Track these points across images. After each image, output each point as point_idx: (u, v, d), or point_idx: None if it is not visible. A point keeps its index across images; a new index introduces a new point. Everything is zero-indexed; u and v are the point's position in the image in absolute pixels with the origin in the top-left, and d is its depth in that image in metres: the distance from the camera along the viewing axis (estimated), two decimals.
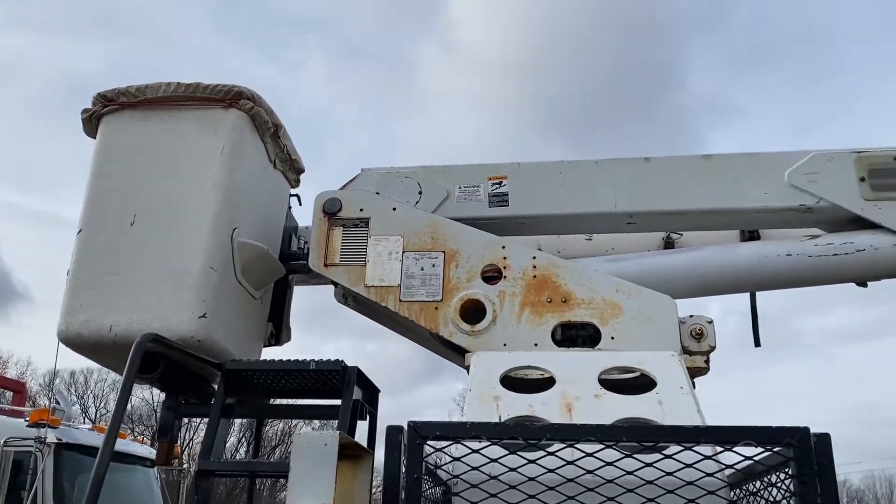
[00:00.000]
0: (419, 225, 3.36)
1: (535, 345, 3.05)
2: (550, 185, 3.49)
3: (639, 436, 1.80)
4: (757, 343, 3.75)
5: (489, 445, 1.84)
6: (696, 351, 3.05)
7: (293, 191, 3.96)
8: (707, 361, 3.05)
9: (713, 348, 3.08)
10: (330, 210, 3.38)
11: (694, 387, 3.18)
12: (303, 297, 4.07)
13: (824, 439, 1.79)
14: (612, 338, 3.02)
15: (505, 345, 3.06)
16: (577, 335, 3.14)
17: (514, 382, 2.79)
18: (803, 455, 1.76)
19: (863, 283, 3.37)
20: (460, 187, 3.54)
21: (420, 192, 3.53)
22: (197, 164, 3.29)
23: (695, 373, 3.04)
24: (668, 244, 3.96)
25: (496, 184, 3.53)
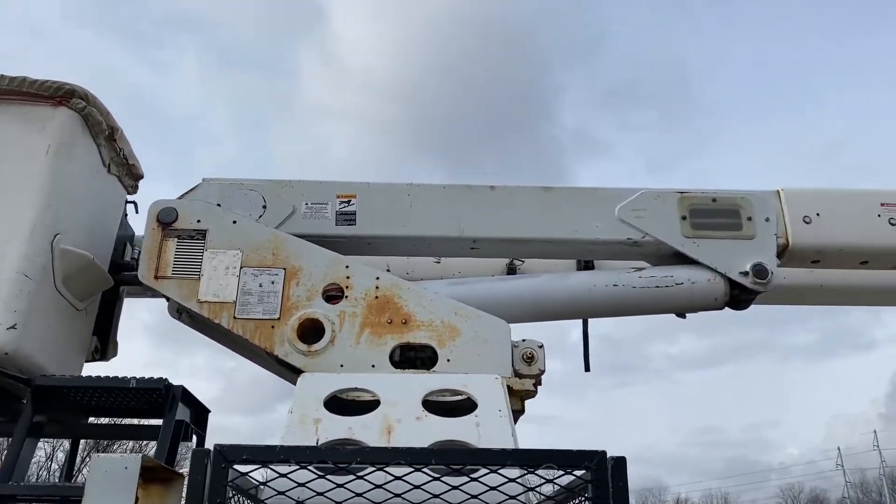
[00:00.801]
0: (260, 240, 3.27)
1: (373, 366, 3.05)
2: (398, 207, 3.51)
3: (447, 459, 1.83)
4: (587, 368, 3.93)
5: (297, 470, 1.80)
6: (527, 374, 3.16)
7: (130, 197, 3.75)
8: (536, 385, 3.17)
9: (542, 372, 3.19)
10: (165, 220, 3.23)
11: (524, 410, 3.30)
12: (158, 309, 3.84)
13: (620, 463, 1.89)
14: (449, 360, 3.06)
15: (342, 365, 3.03)
16: (416, 357, 3.17)
17: (345, 404, 2.77)
18: (599, 478, 1.84)
19: (682, 315, 3.61)
20: (307, 203, 3.49)
21: (264, 206, 3.45)
22: (18, 162, 3.05)
23: (524, 395, 3.14)
24: (511, 270, 4.09)
25: (344, 202, 3.52)
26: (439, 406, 2.79)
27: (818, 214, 3.49)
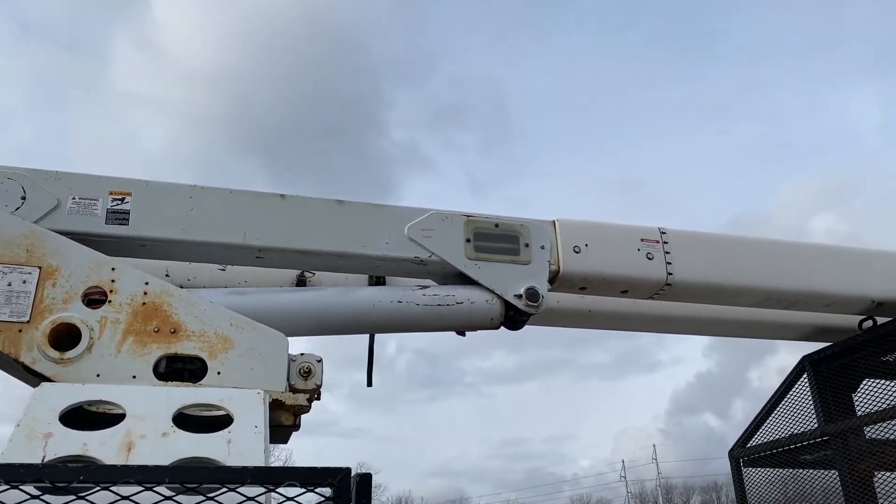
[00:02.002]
0: (14, 234, 2.96)
1: (134, 377, 2.84)
2: (178, 209, 3.33)
3: (181, 477, 1.74)
4: (369, 383, 3.95)
5: (8, 490, 1.62)
6: (302, 389, 3.11)
7: None
8: (311, 400, 3.13)
9: (319, 387, 3.16)
10: None
11: (298, 426, 3.24)
12: None
13: (365, 479, 1.90)
14: (219, 373, 2.94)
15: (98, 375, 2.80)
16: (184, 369, 3.01)
17: (94, 418, 2.56)
18: (342, 495, 1.84)
19: (462, 333, 3.75)
20: (74, 198, 3.21)
21: (23, 198, 3.12)
22: None
23: (298, 410, 3.09)
24: (301, 282, 4.03)
25: (118, 199, 3.27)
26: (202, 421, 2.66)
27: (587, 245, 3.78)
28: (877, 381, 4.27)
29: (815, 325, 4.58)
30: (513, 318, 3.68)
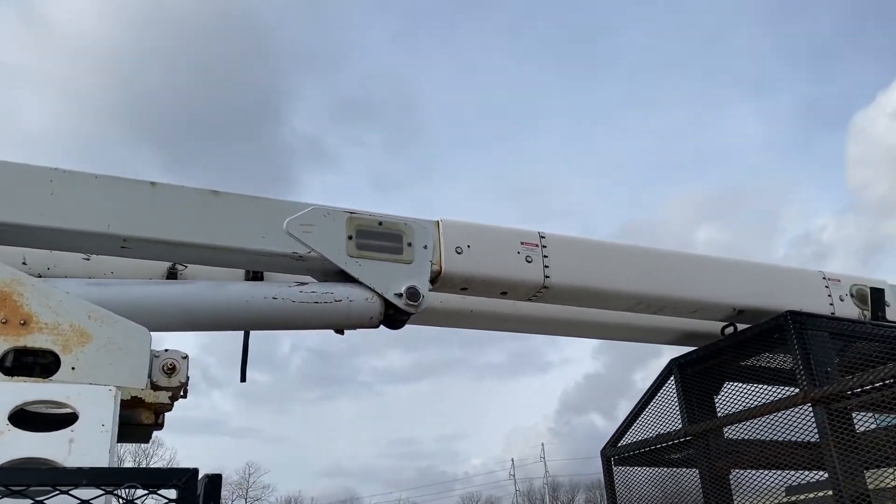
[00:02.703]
0: None
1: None
2: (37, 193, 3.10)
3: (6, 479, 1.61)
4: (243, 379, 3.84)
5: None
6: (165, 386, 2.97)
7: None
8: (174, 398, 2.99)
9: (183, 384, 3.03)
10: None
11: (161, 424, 3.09)
12: None
13: (214, 480, 1.83)
14: (74, 368, 2.76)
15: None
16: (35, 363, 2.81)
17: None
18: (188, 497, 1.76)
19: (340, 331, 3.69)
20: None
21: None
22: None
23: (159, 409, 2.95)
24: (172, 275, 3.86)
25: None
26: (52, 420, 2.49)
27: (469, 246, 3.81)
28: (736, 384, 4.52)
29: (683, 330, 4.81)
30: (393, 317, 3.66)
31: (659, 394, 4.98)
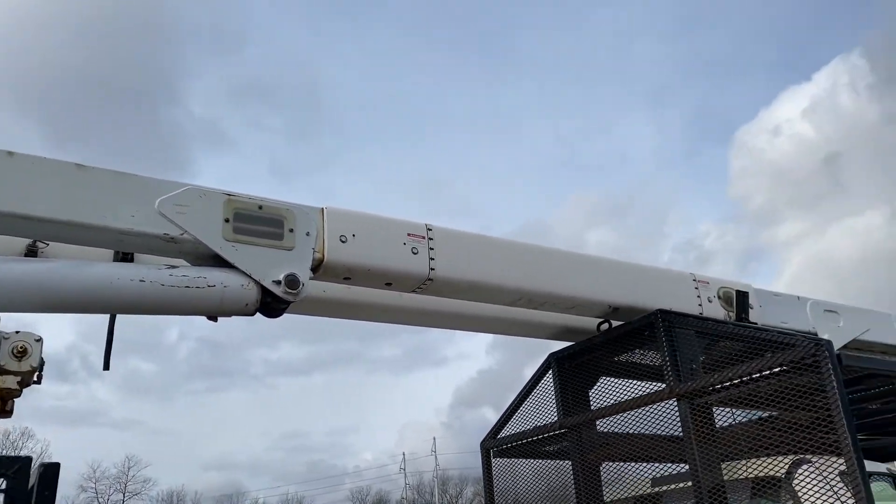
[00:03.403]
0: None
1: None
2: None
3: None
4: (106, 367, 3.63)
5: None
6: (14, 371, 2.77)
7: None
8: (24, 384, 2.79)
9: (35, 369, 2.84)
10: None
11: (10, 411, 2.87)
12: None
13: (50, 470, 1.71)
14: None
15: None
16: None
17: None
18: (18, 486, 1.63)
19: (213, 318, 3.55)
20: None
21: None
22: None
23: (7, 395, 2.74)
24: (32, 252, 3.60)
25: None
26: None
27: (353, 235, 3.76)
28: (610, 378, 4.69)
29: (562, 326, 4.94)
30: (270, 305, 3.56)
31: (538, 387, 5.09)
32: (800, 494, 3.78)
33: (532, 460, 5.22)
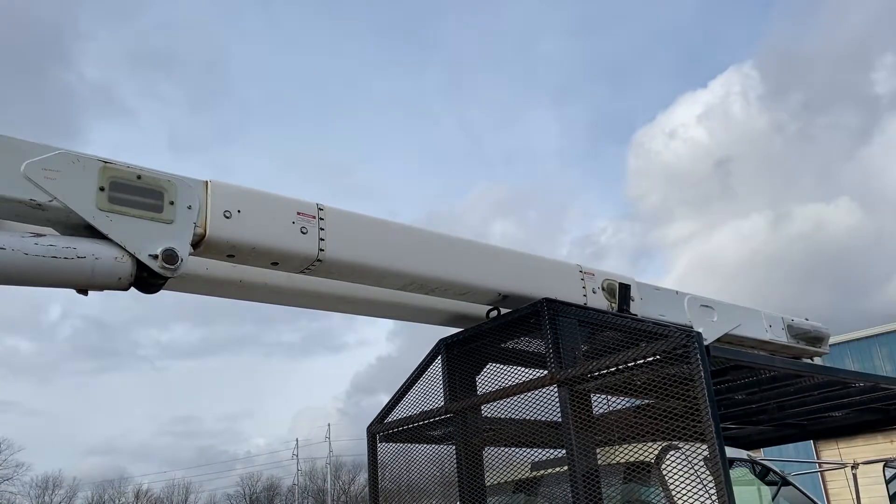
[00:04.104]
0: None
1: None
2: None
3: None
4: None
5: None
6: None
7: None
8: None
9: None
10: None
11: None
12: None
13: None
14: None
15: None
16: None
17: None
18: None
19: (83, 291, 3.35)
20: None
21: None
22: None
23: None
24: None
25: None
26: None
27: (239, 211, 3.63)
28: (496, 364, 4.76)
29: (453, 312, 4.98)
30: (146, 280, 3.40)
31: (427, 373, 5.11)
32: (667, 479, 3.96)
33: (418, 445, 5.24)
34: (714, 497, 3.44)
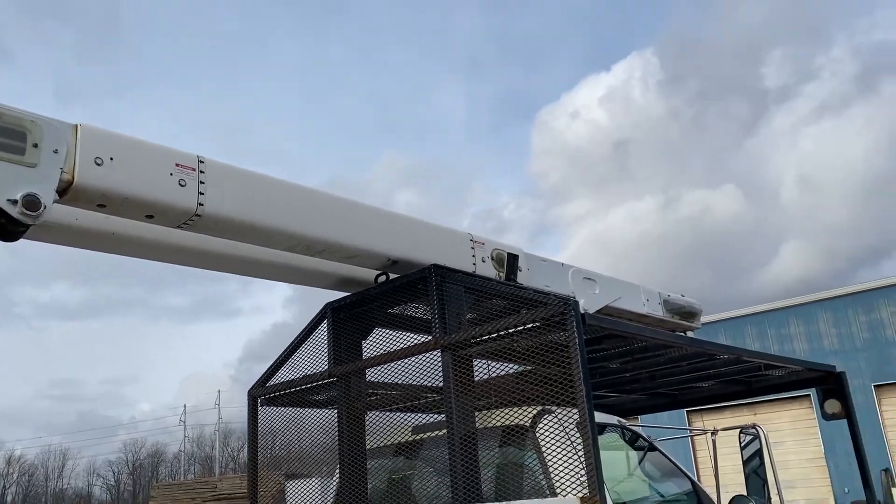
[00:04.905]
0: None
1: None
2: None
3: None
4: None
5: None
6: None
7: None
8: None
9: None
10: None
11: None
12: None
13: None
14: None
15: None
16: None
17: None
18: None
19: None
20: None
21: None
22: None
23: None
24: None
25: None
26: None
27: (112, 159, 3.42)
28: (383, 330, 4.75)
29: (342, 276, 4.91)
30: (5, 227, 3.16)
31: (312, 336, 5.04)
32: (541, 442, 4.10)
33: (301, 409, 5.18)
34: (582, 459, 3.58)
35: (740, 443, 4.88)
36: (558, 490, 3.74)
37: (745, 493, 4.55)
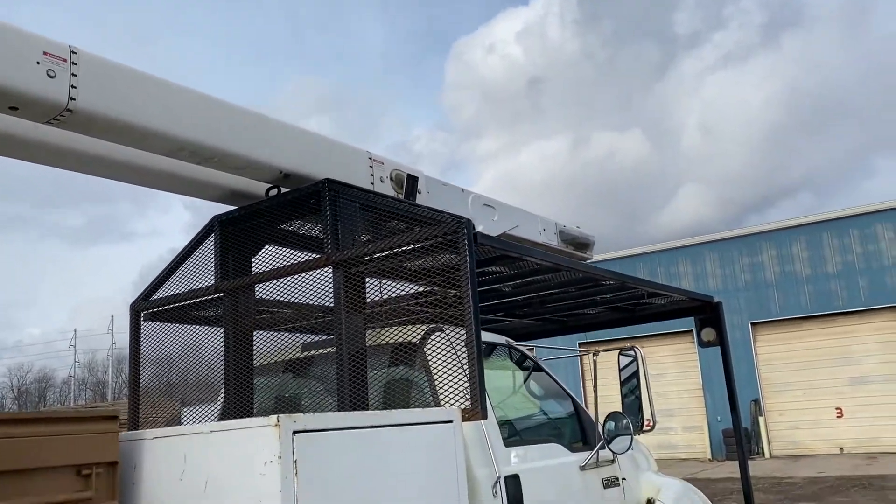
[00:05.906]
0: None
1: None
2: None
3: None
4: None
5: None
6: None
7: None
8: None
9: None
10: None
11: None
12: None
13: None
14: None
15: None
16: None
17: None
18: None
19: None
20: None
21: None
22: None
23: None
24: None
25: None
26: None
27: None
28: (273, 246, 4.61)
29: (231, 188, 4.70)
30: None
31: (199, 251, 4.85)
32: (429, 360, 4.13)
33: (186, 325, 5.01)
34: (467, 374, 3.64)
35: (619, 364, 5.11)
36: (443, 402, 3.80)
37: (620, 411, 4.79)
